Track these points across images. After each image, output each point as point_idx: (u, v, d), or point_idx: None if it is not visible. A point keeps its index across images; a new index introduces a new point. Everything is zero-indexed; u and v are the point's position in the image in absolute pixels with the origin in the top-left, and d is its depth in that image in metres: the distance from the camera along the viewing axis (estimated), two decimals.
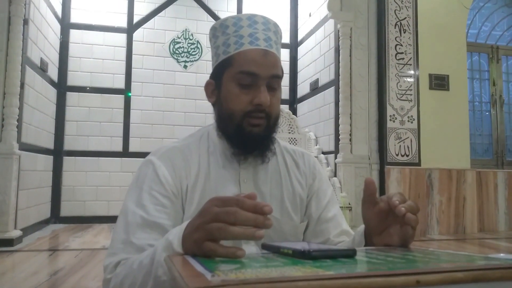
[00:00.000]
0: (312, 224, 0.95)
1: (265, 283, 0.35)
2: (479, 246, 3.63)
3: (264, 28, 0.88)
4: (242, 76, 0.85)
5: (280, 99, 0.92)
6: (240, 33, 0.86)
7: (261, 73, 0.84)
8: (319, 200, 0.96)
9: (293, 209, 0.93)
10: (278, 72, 0.88)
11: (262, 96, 0.84)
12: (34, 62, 3.93)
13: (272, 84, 0.87)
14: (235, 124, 0.86)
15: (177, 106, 5.23)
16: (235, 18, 0.88)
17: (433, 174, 4.15)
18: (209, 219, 0.54)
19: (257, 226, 0.52)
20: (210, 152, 0.92)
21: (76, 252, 3.16)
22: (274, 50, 0.88)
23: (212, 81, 0.92)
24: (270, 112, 0.87)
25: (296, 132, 4.67)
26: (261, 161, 0.91)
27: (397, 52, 4.21)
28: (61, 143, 4.83)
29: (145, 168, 0.87)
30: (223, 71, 0.88)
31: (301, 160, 1.00)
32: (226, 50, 0.87)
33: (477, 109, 5.06)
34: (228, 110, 0.87)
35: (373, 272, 0.38)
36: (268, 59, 0.86)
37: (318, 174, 1.00)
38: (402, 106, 4.17)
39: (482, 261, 0.46)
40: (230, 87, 0.86)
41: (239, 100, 0.85)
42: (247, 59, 0.85)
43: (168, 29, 5.31)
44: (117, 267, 0.75)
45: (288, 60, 5.66)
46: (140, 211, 0.79)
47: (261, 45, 0.86)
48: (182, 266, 0.47)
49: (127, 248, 0.76)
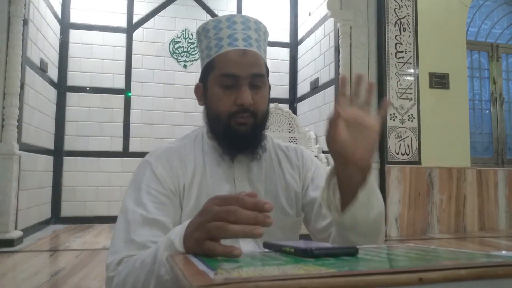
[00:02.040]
0: (316, 208, 0.94)
1: (267, 281, 0.35)
2: (479, 244, 3.63)
3: (243, 28, 0.89)
4: (223, 79, 0.87)
5: (266, 96, 0.92)
6: (220, 35, 0.88)
7: (241, 73, 0.86)
8: (317, 186, 0.96)
9: (289, 205, 0.95)
10: (260, 70, 0.88)
11: (244, 97, 0.85)
12: (34, 62, 3.92)
13: (255, 82, 0.88)
14: (223, 125, 0.88)
15: (177, 106, 5.23)
16: (215, 21, 0.90)
17: (433, 172, 4.15)
18: (209, 218, 0.54)
19: (257, 224, 0.52)
20: (205, 152, 0.94)
21: (77, 252, 3.16)
22: (254, 48, 0.89)
23: (200, 84, 0.95)
24: (256, 110, 0.88)
25: (296, 131, 4.67)
26: (252, 158, 0.92)
27: (397, 51, 4.21)
28: (61, 143, 4.83)
29: (142, 169, 0.89)
30: (208, 74, 0.91)
31: (293, 155, 1.01)
32: (208, 54, 0.90)
33: (477, 107, 5.06)
34: (215, 112, 0.89)
35: (375, 270, 0.38)
36: (247, 58, 0.87)
37: (312, 165, 1.01)
38: (402, 105, 4.17)
39: (484, 258, 0.46)
40: (214, 90, 0.89)
41: (223, 102, 0.87)
42: (227, 61, 0.87)
43: (168, 28, 5.31)
44: (119, 265, 0.75)
45: (288, 59, 5.65)
46: (139, 210, 0.80)
47: (240, 45, 0.87)
48: (185, 264, 0.47)
49: (129, 246, 0.77)
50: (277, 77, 5.48)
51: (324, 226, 0.91)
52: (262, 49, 0.92)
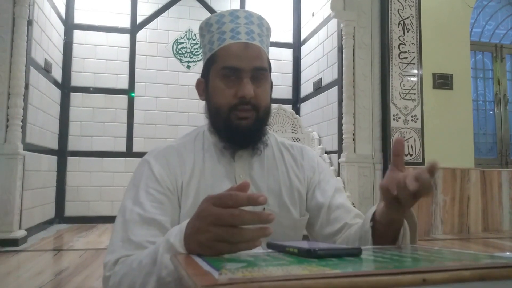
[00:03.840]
0: (323, 213, 0.93)
1: (272, 281, 0.35)
2: (483, 245, 3.61)
3: (246, 22, 0.89)
4: (225, 71, 0.86)
5: (268, 91, 0.92)
6: (223, 29, 0.88)
7: (243, 66, 0.85)
8: (324, 190, 0.95)
9: (292, 203, 0.93)
10: (262, 64, 0.88)
11: (245, 89, 0.84)
12: (38, 63, 3.94)
13: (256, 76, 0.87)
14: (223, 118, 0.87)
15: (181, 106, 5.24)
16: (218, 15, 0.90)
17: (437, 173, 4.13)
18: (211, 220, 0.54)
19: (262, 222, 0.52)
20: (205, 149, 0.93)
21: (80, 252, 3.17)
22: (257, 42, 0.88)
23: (202, 79, 0.94)
24: (257, 103, 0.87)
25: (299, 131, 4.67)
26: (253, 154, 0.92)
27: (401, 51, 4.20)
28: (65, 143, 4.84)
29: (141, 168, 0.89)
30: (209, 68, 0.90)
31: (299, 155, 1.00)
32: (211, 48, 0.90)
33: (481, 108, 5.04)
34: (216, 105, 0.88)
35: (379, 271, 0.38)
36: (250, 52, 0.86)
37: (318, 167, 0.99)
38: (405, 106, 4.16)
39: (488, 259, 0.46)
40: (215, 83, 0.88)
41: (224, 95, 0.86)
42: (229, 54, 0.86)
43: (171, 29, 5.32)
44: (116, 265, 0.75)
45: (291, 60, 5.64)
46: (137, 209, 0.80)
47: (242, 38, 0.87)
48: (189, 265, 0.47)
49: (126, 245, 0.76)
50: (280, 78, 5.47)
51: (332, 232, 0.90)
52: (264, 44, 0.91)
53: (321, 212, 0.94)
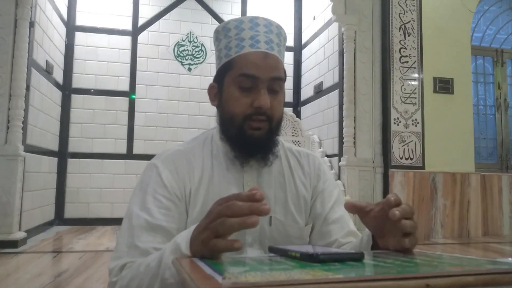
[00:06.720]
0: (318, 225, 0.94)
1: (275, 286, 0.35)
2: (483, 250, 3.60)
3: (265, 31, 0.87)
4: (242, 79, 0.84)
5: (282, 102, 0.91)
6: (242, 36, 0.86)
7: (261, 75, 0.84)
8: (325, 201, 0.95)
9: (298, 212, 0.92)
10: (279, 74, 0.87)
11: (262, 99, 0.83)
12: (39, 64, 3.95)
13: (273, 87, 0.86)
14: (236, 127, 0.86)
15: (181, 108, 5.24)
16: (237, 21, 0.88)
17: (437, 177, 4.13)
18: (212, 218, 0.55)
19: (254, 213, 0.53)
20: (213, 155, 0.91)
21: (80, 254, 3.16)
22: (275, 52, 0.87)
23: (215, 84, 0.92)
24: (272, 114, 0.86)
25: (300, 135, 4.67)
26: (263, 164, 0.90)
27: (401, 55, 4.21)
28: (65, 145, 4.84)
29: (149, 172, 0.87)
30: (224, 74, 0.88)
31: (305, 162, 0.99)
32: (227, 53, 0.87)
33: (482, 112, 5.04)
34: (229, 113, 0.87)
35: (382, 276, 0.38)
36: (269, 62, 0.85)
37: (323, 175, 0.99)
38: (406, 109, 4.16)
39: (491, 265, 0.46)
40: (231, 90, 0.86)
41: (240, 103, 0.85)
42: (247, 62, 0.84)
43: (173, 32, 5.33)
44: (122, 270, 0.75)
45: (292, 63, 5.66)
46: (144, 215, 0.79)
47: (262, 47, 0.85)
48: (192, 268, 0.47)
49: (132, 251, 0.76)
50: None
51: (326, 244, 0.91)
52: (282, 54, 0.90)
53: (316, 223, 0.94)
